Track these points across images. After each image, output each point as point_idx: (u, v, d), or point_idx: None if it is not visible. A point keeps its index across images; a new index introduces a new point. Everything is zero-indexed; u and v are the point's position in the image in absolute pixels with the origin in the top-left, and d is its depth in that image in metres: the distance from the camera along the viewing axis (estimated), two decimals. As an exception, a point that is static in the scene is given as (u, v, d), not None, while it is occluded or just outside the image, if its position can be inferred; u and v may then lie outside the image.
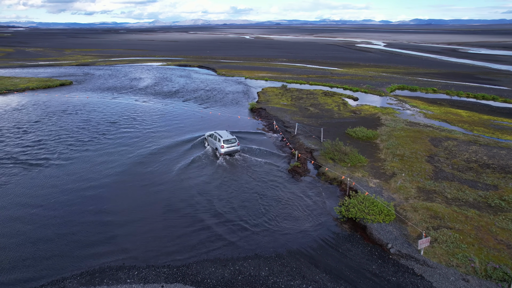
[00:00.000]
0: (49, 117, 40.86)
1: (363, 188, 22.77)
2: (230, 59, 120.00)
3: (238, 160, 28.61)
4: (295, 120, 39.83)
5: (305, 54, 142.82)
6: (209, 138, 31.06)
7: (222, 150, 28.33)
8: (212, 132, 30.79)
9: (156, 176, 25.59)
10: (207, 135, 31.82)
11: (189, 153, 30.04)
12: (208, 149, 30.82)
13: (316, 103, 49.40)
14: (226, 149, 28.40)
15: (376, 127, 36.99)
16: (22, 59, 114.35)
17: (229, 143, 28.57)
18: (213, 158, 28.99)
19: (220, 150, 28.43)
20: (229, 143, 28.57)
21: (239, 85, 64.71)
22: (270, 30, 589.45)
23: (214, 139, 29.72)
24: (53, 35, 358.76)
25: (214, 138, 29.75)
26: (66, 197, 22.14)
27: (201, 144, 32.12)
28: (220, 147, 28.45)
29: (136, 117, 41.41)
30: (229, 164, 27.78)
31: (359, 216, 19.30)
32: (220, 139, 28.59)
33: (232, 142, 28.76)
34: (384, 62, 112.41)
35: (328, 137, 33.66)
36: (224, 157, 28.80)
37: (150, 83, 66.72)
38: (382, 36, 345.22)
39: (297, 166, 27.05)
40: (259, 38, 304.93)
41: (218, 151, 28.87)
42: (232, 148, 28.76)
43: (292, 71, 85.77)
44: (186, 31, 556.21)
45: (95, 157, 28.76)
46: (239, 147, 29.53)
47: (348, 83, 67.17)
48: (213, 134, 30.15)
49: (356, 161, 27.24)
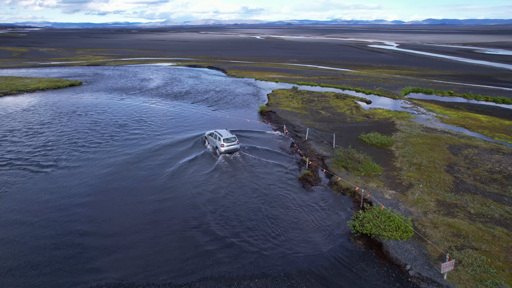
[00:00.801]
0: (56, 119, 40.47)
1: (378, 200, 21.41)
2: (240, 59, 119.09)
3: (245, 165, 27.53)
4: (306, 124, 38.55)
5: (316, 55, 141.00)
6: (209, 137, 31.61)
7: (222, 148, 28.96)
8: (212, 131, 31.35)
9: (160, 186, 24.67)
10: (207, 134, 32.44)
11: (199, 162, 29.08)
12: (209, 149, 31.04)
13: (328, 106, 47.98)
14: (226, 147, 29.03)
15: (391, 132, 35.45)
16: (35, 59, 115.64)
17: (229, 142, 29.16)
18: (220, 162, 27.99)
19: (220, 148, 29.05)
20: (229, 142, 29.16)
21: (248, 87, 63.66)
22: (281, 30, 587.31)
23: (214, 138, 30.28)
24: (67, 35, 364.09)
25: (214, 137, 30.31)
26: (58, 214, 20.85)
27: (208, 148, 31.18)
28: (220, 146, 29.07)
29: (143, 119, 40.69)
30: (236, 169, 26.73)
31: (374, 232, 17.99)
32: (220, 138, 29.20)
33: (232, 141, 29.34)
34: (397, 64, 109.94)
35: (341, 143, 32.33)
36: (228, 160, 28.06)
37: (159, 84, 66.21)
38: (394, 36, 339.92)
39: (308, 174, 25.82)
40: (270, 38, 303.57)
41: (218, 149, 29.46)
42: (232, 146, 29.34)
43: (303, 72, 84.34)
44: (197, 31, 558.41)
45: (97, 167, 27.97)
46: (239, 145, 30.13)
47: (361, 85, 65.45)
48: (213, 133, 30.75)
49: (370, 170, 25.87)
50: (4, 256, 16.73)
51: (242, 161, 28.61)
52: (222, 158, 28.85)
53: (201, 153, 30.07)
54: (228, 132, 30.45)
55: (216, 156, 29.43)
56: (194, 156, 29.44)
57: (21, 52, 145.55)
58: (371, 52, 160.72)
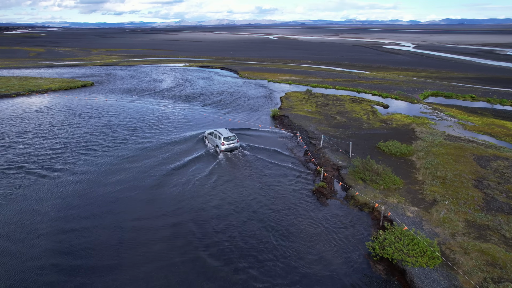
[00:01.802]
0: (67, 121, 39.89)
1: (400, 219, 19.64)
2: (253, 60, 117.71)
3: (256, 174, 26.07)
4: (320, 130, 36.83)
5: (330, 56, 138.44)
6: (209, 136, 32.32)
7: (223, 147, 29.83)
8: (212, 130, 32.16)
9: (169, 202, 23.45)
10: (207, 133, 33.06)
11: (216, 172, 27.77)
12: (211, 149, 31.29)
13: (343, 110, 46.08)
14: (226, 146, 29.93)
15: (411, 140, 33.41)
16: (50, 59, 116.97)
17: (229, 140, 30.07)
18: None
19: (221, 147, 29.90)
20: (229, 140, 30.07)
21: (261, 89, 62.18)
22: (294, 30, 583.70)
23: (215, 136, 31.05)
24: (83, 35, 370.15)
25: (215, 136, 31.08)
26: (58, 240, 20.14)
27: (209, 149, 29.88)
28: (220, 144, 29.91)
29: (154, 123, 39.68)
30: (247, 178, 25.28)
31: (396, 257, 16.28)
32: (221, 137, 30.09)
33: (232, 139, 30.23)
34: (414, 65, 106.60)
35: (357, 151, 30.54)
36: (238, 168, 26.42)
37: (170, 85, 65.41)
38: (410, 37, 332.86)
39: (323, 186, 24.18)
40: (283, 39, 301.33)
41: (219, 148, 30.27)
42: (232, 145, 30.23)
43: (317, 74, 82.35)
44: (210, 31, 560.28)
45: (98, 179, 26.97)
46: (239, 144, 31.00)
47: (377, 88, 63.16)
48: (213, 132, 31.50)
49: (390, 183, 24.05)
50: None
51: (254, 171, 27.17)
52: (232, 167, 27.51)
53: (215, 162, 28.58)
54: (228, 131, 31.28)
55: (220, 156, 29.81)
56: (210, 168, 28.05)
57: (37, 52, 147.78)
58: (387, 53, 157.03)
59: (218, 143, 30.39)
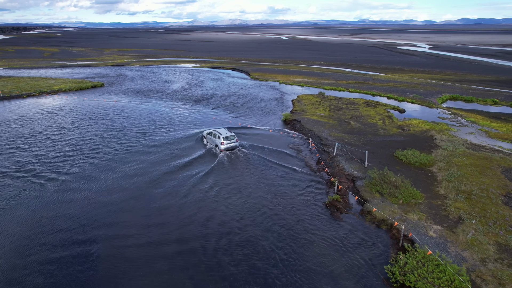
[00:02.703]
0: (75, 123, 39.25)
1: (422, 239, 17.96)
2: (265, 61, 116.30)
3: (264, 183, 24.66)
4: (334, 136, 35.18)
5: (343, 57, 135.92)
6: (208, 136, 32.54)
7: (222, 146, 30.27)
8: (210, 130, 32.43)
9: (175, 223, 22.25)
10: (206, 133, 33.37)
11: (230, 185, 26.49)
12: (223, 159, 29.92)
13: (358, 115, 44.25)
14: (226, 145, 30.34)
15: (430, 149, 31.48)
16: (63, 59, 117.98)
17: (228, 140, 30.46)
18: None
19: (221, 146, 30.32)
20: (228, 140, 30.46)
21: (273, 91, 60.72)
22: (307, 31, 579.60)
23: (214, 136, 31.35)
24: (97, 35, 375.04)
25: (214, 136, 31.37)
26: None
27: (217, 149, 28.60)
28: (220, 144, 30.31)
29: (163, 126, 38.69)
30: (257, 189, 23.90)
31: (420, 286, 14.65)
32: (220, 137, 30.44)
33: (231, 139, 30.61)
34: (431, 67, 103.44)
35: (373, 160, 28.83)
36: (248, 178, 25.05)
37: (180, 87, 64.55)
38: (426, 37, 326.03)
39: (337, 200, 22.62)
40: (296, 39, 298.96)
41: (219, 147, 30.61)
42: (231, 144, 30.63)
43: (330, 75, 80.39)
44: (223, 31, 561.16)
45: (105, 189, 25.99)
46: (238, 143, 31.36)
47: (393, 91, 60.97)
48: (212, 132, 31.79)
49: (409, 196, 22.32)
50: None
51: (263, 180, 25.78)
52: (240, 175, 26.18)
53: (225, 173, 27.43)
54: (226, 130, 31.60)
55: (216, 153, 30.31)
56: (212, 180, 26.86)
57: (52, 52, 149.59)
58: (401, 54, 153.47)
59: (217, 143, 30.74)
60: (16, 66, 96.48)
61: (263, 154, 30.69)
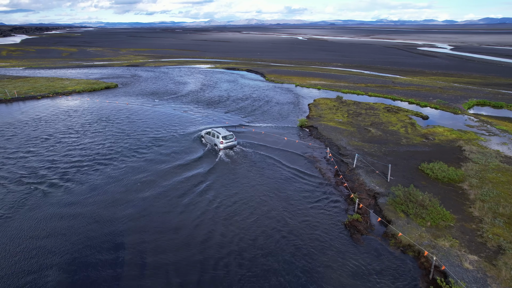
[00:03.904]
0: (85, 126, 38.45)
1: (456, 272, 15.84)
2: (281, 62, 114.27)
3: (273, 198, 22.88)
4: (353, 145, 33.04)
5: (361, 58, 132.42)
6: (207, 135, 33.15)
7: (221, 145, 30.96)
8: (209, 130, 33.00)
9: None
10: (204, 133, 34.01)
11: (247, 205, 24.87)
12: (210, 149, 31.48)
13: (378, 121, 41.87)
14: (225, 144, 31.02)
15: (459, 162, 28.98)
16: (81, 59, 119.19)
17: (227, 139, 31.15)
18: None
19: (220, 145, 30.96)
20: (227, 139, 31.15)
21: (288, 95, 58.77)
22: (324, 31, 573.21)
23: (213, 136, 31.97)
24: (115, 35, 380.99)
25: (212, 135, 31.99)
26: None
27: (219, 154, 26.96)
28: (219, 143, 30.96)
29: (174, 130, 37.41)
30: (268, 205, 22.16)
31: (458, 334, 12.61)
32: (219, 136, 31.10)
33: (229, 138, 31.35)
34: (454, 70, 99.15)
35: (397, 173, 26.63)
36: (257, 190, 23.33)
37: (194, 89, 63.39)
38: (447, 37, 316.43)
39: (357, 220, 20.63)
40: (312, 39, 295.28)
41: (218, 146, 31.20)
42: (230, 143, 31.33)
43: (348, 78, 77.74)
44: (239, 31, 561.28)
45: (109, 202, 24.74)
46: (236, 142, 32.03)
47: (414, 95, 58.06)
48: (211, 131, 32.39)
49: (438, 218, 20.12)
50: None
51: (275, 195, 24.02)
52: (251, 187, 24.48)
53: (237, 188, 25.83)
54: (225, 130, 32.18)
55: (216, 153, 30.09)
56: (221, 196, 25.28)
57: (70, 52, 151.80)
58: (422, 55, 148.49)
59: (216, 142, 31.36)
60: (35, 66, 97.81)
61: (277, 166, 28.89)
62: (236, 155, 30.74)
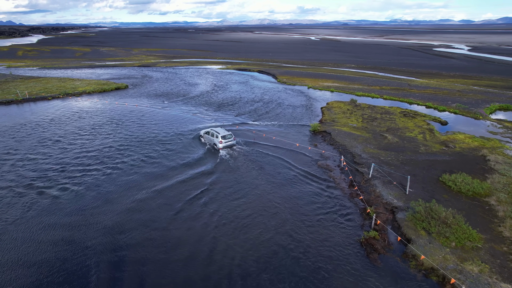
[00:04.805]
0: (95, 129, 37.82)
1: (488, 304, 14.19)
2: (293, 63, 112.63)
3: (286, 210, 21.51)
4: (369, 153, 31.38)
5: (375, 59, 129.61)
6: (206, 135, 33.50)
7: (220, 145, 31.38)
8: (208, 130, 33.35)
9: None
10: (203, 132, 34.21)
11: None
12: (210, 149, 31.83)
13: (394, 127, 40.03)
14: (224, 144, 31.45)
15: (484, 173, 27.05)
16: (93, 59, 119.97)
17: (226, 139, 31.62)
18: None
19: (219, 145, 31.38)
20: (226, 139, 31.62)
21: (300, 97, 57.24)
22: (337, 31, 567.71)
23: (212, 135, 32.41)
24: (128, 34, 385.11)
25: (211, 135, 32.42)
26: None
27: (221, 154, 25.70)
28: (218, 143, 31.37)
29: (182, 134, 36.43)
30: (282, 222, 20.81)
31: None
32: (218, 136, 31.53)
33: (228, 137, 31.82)
34: (473, 72, 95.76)
35: (416, 185, 24.94)
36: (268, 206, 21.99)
37: (204, 90, 62.47)
38: (464, 38, 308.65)
39: (374, 237, 19.11)
40: (325, 40, 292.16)
41: (217, 146, 31.59)
42: (229, 142, 31.82)
43: (362, 80, 75.66)
44: (251, 31, 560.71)
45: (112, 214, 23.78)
46: (235, 141, 32.67)
47: (432, 99, 55.77)
48: (209, 131, 32.86)
49: (464, 238, 18.42)
50: None
51: (285, 208, 22.65)
52: (260, 200, 23.17)
53: (244, 197, 24.61)
54: (224, 130, 32.63)
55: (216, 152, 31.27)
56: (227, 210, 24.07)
57: (83, 52, 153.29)
58: (438, 57, 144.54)
59: (215, 142, 31.74)
60: (49, 66, 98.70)
61: (290, 173, 27.52)
62: (246, 162, 29.48)
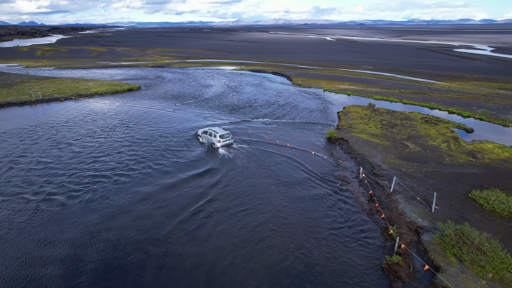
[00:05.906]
0: (105, 132, 37.04)
1: None
2: (308, 64, 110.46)
3: (300, 229, 19.85)
4: (389, 164, 29.37)
5: (393, 61, 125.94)
6: (204, 134, 33.92)
7: (219, 144, 31.77)
8: (206, 129, 33.77)
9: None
10: (201, 132, 34.59)
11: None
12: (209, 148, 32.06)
13: (416, 134, 37.77)
14: (222, 143, 31.86)
15: (518, 189, 24.72)
16: (108, 59, 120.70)
17: (224, 138, 32.01)
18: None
19: (217, 144, 31.75)
20: (224, 138, 32.01)
21: (316, 101, 55.32)
22: (353, 31, 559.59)
23: (210, 135, 32.76)
24: (144, 34, 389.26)
25: (210, 134, 32.78)
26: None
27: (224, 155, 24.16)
28: (217, 142, 31.76)
29: (190, 139, 35.20)
30: (287, 239, 19.19)
31: None
32: (216, 135, 31.92)
33: (226, 137, 32.21)
34: (498, 74, 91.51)
35: (442, 201, 22.88)
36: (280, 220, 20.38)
37: (217, 92, 61.27)
38: (486, 38, 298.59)
39: (398, 263, 17.28)
40: (341, 40, 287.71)
41: (215, 145, 31.95)
42: (227, 142, 32.23)
43: (380, 83, 73.01)
44: (266, 31, 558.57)
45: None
46: (233, 140, 33.04)
47: (455, 104, 52.96)
48: (207, 131, 33.26)
49: (502, 268, 16.41)
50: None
51: (298, 226, 21.01)
52: (270, 220, 21.58)
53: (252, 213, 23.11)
54: (222, 129, 32.97)
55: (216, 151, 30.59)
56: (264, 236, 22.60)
57: (99, 51, 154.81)
58: (459, 58, 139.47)
59: (214, 141, 32.09)
60: (65, 66, 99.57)
61: (305, 185, 25.84)
62: (259, 169, 27.95)
